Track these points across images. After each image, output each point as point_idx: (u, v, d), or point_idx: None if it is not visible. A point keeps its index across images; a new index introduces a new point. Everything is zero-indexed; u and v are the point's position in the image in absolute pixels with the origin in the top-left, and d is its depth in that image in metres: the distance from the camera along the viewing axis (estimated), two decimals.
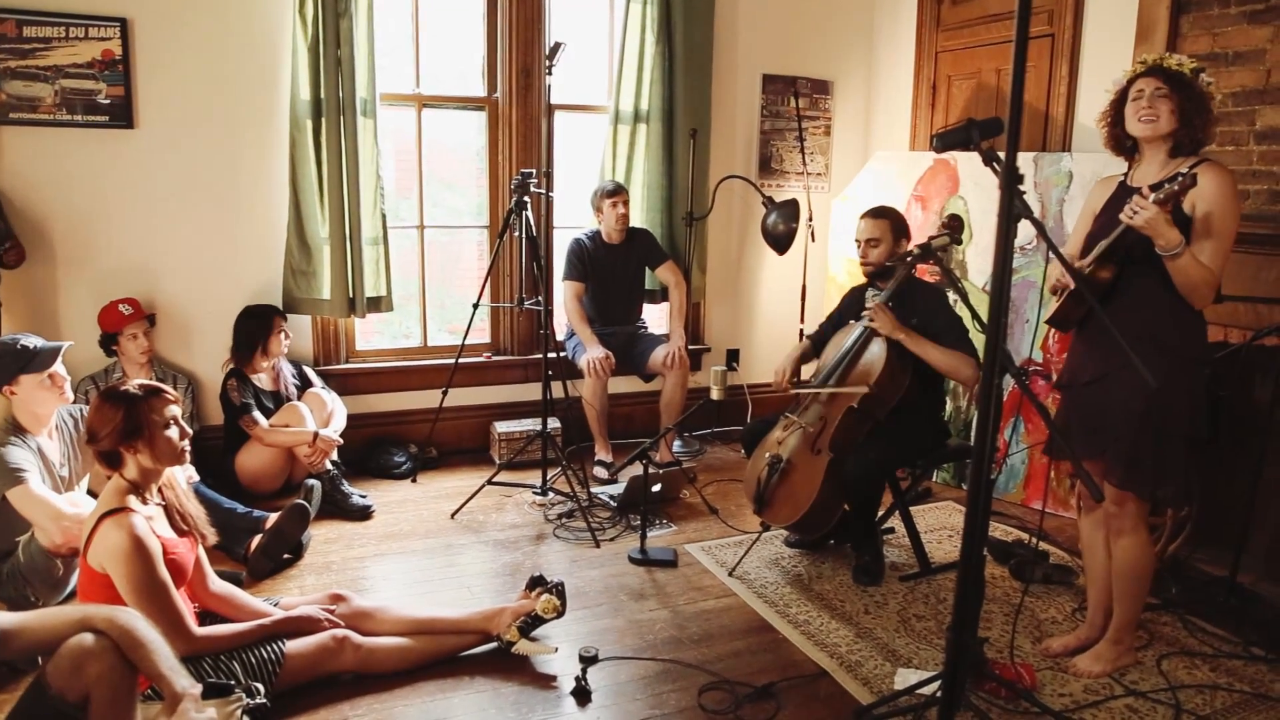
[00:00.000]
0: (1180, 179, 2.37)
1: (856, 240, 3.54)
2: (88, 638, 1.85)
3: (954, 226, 3.28)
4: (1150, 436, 2.55)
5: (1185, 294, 2.48)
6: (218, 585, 2.62)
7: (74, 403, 3.14)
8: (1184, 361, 2.53)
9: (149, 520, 2.34)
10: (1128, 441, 2.57)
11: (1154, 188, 2.45)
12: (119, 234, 4.00)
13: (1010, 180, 1.91)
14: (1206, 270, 2.43)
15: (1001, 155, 1.96)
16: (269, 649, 2.46)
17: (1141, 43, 3.84)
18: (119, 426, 2.31)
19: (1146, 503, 2.64)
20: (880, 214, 3.51)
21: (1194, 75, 2.49)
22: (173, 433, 2.38)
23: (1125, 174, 2.70)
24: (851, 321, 3.56)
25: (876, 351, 3.30)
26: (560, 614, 2.82)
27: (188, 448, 2.44)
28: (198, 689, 1.95)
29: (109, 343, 3.87)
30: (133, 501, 2.34)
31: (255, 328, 4.01)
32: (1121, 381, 2.58)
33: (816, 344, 3.71)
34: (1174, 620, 3.10)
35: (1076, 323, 2.72)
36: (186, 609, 2.39)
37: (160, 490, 2.47)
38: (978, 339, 2.85)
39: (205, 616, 2.55)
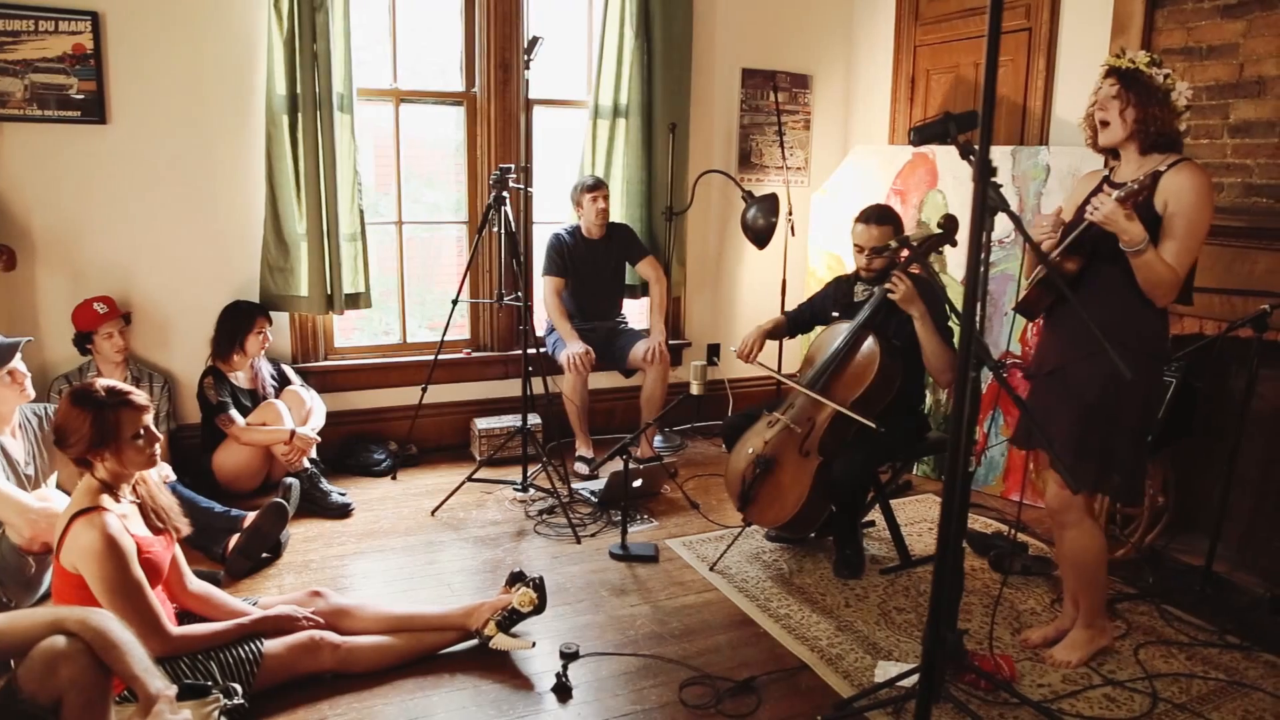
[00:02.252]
0: (1142, 178, 2.40)
1: (858, 245, 3.44)
2: (60, 640, 1.83)
3: (950, 227, 3.18)
4: (1098, 429, 2.57)
5: (1147, 291, 2.48)
6: (195, 585, 2.59)
7: (42, 401, 3.11)
8: (1140, 357, 2.52)
9: (123, 519, 2.32)
10: (1076, 433, 2.59)
11: (1115, 185, 2.49)
12: (93, 231, 3.95)
13: (983, 172, 1.91)
14: (1169, 269, 2.43)
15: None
16: (247, 649, 2.44)
17: (1117, 37, 3.86)
18: (87, 435, 2.27)
19: (1089, 495, 2.66)
20: (884, 220, 3.41)
21: (1149, 68, 2.48)
22: (141, 442, 2.35)
23: (1110, 170, 2.70)
24: (835, 316, 3.54)
25: (869, 352, 3.25)
26: (539, 609, 2.81)
27: (157, 453, 2.41)
28: (173, 690, 1.93)
29: (84, 342, 3.82)
30: (106, 500, 2.31)
31: (237, 324, 3.98)
32: (1077, 373, 2.61)
33: (792, 323, 3.70)
34: (1150, 610, 3.12)
35: (1043, 311, 2.75)
36: (163, 608, 2.37)
37: (133, 487, 2.44)
38: (956, 332, 2.85)
39: (183, 617, 2.52)
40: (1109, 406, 2.56)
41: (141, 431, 2.35)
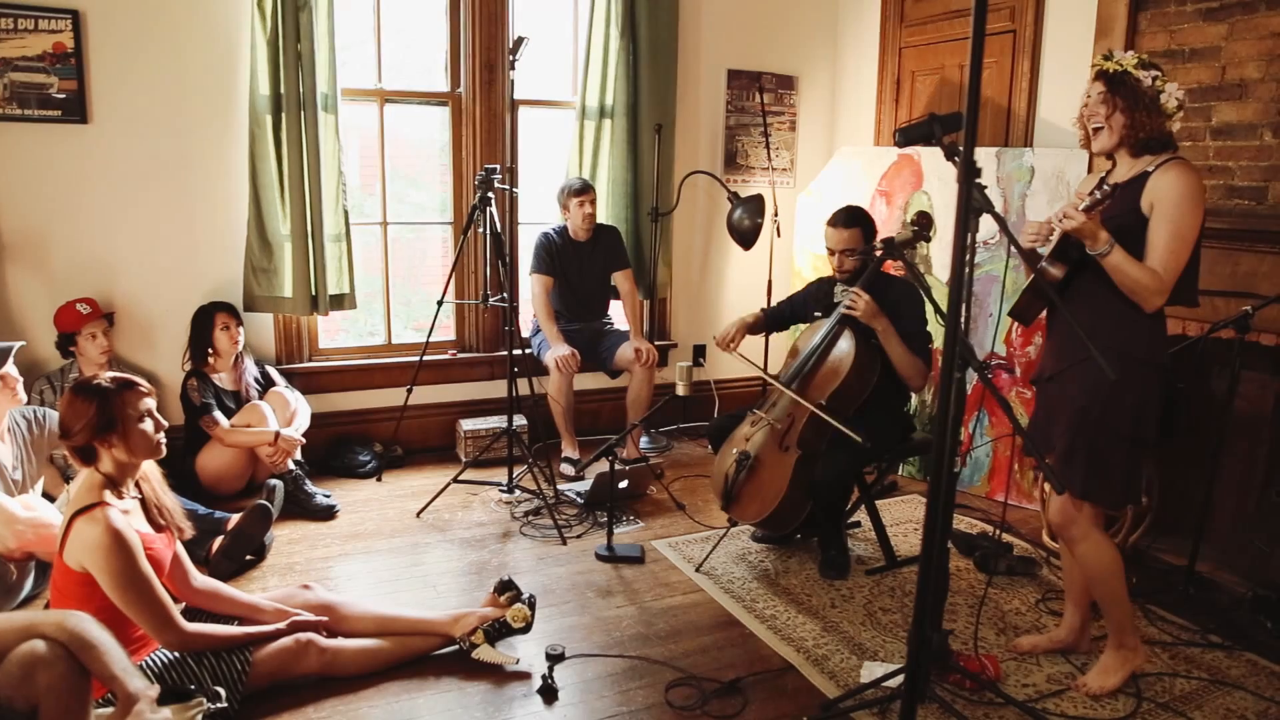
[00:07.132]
0: (1106, 189, 2.39)
1: (830, 250, 3.49)
2: (39, 645, 1.81)
3: (923, 224, 3.23)
4: (1085, 435, 2.53)
5: (1128, 295, 2.44)
6: (200, 581, 2.57)
7: (27, 404, 3.07)
8: (1129, 363, 2.47)
9: (125, 514, 2.29)
10: (1066, 439, 2.57)
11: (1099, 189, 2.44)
12: (75, 231, 3.92)
13: (968, 174, 1.92)
14: (1146, 272, 2.40)
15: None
16: (238, 656, 2.41)
17: (1101, 39, 3.89)
18: (92, 421, 2.25)
19: (1093, 506, 2.58)
20: (851, 222, 3.45)
21: (1138, 70, 2.45)
22: (147, 426, 2.33)
23: (1107, 171, 2.66)
24: (817, 315, 3.57)
25: (845, 348, 3.29)
26: (528, 628, 2.79)
27: (163, 440, 2.39)
28: (154, 690, 1.92)
29: (66, 343, 3.79)
30: (108, 496, 2.28)
31: (200, 327, 3.96)
32: (1070, 379, 2.57)
33: (770, 319, 3.75)
34: (1134, 609, 3.13)
35: (1036, 317, 2.71)
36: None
37: (137, 484, 2.42)
38: (940, 333, 2.85)
39: (190, 614, 2.49)
40: (1096, 412, 2.51)
41: (146, 415, 2.33)
